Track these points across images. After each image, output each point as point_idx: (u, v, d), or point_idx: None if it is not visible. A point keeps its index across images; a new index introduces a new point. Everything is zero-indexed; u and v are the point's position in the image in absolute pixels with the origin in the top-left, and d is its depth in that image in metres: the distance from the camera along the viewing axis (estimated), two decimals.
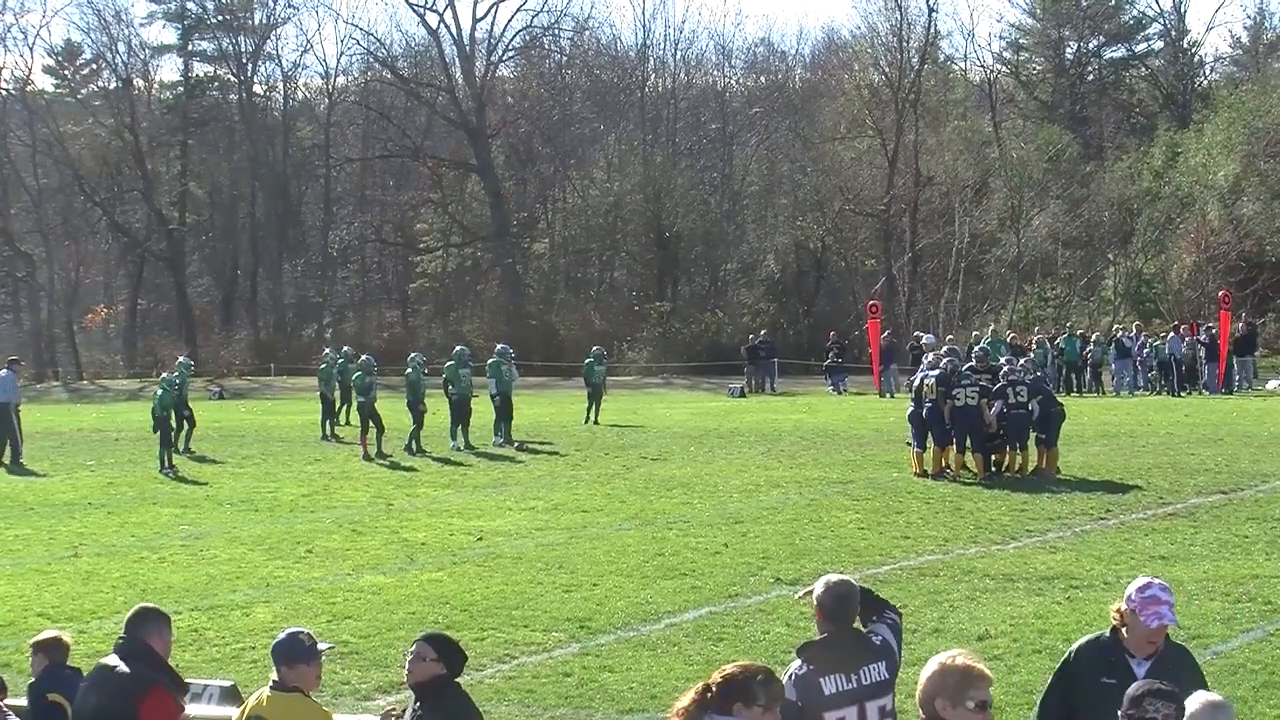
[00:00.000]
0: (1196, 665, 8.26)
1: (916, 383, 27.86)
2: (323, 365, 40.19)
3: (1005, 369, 27.33)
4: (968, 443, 26.40)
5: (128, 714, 8.32)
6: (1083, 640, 8.20)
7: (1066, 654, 8.22)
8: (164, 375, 36.50)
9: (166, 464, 31.89)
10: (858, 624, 8.00)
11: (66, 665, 10.22)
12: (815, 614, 7.88)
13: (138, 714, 8.33)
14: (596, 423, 39.05)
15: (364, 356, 36.82)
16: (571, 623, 15.86)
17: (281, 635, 8.38)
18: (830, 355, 54.35)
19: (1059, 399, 28.28)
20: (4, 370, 35.38)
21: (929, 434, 26.88)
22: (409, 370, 35.62)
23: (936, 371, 27.31)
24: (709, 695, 6.52)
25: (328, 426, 38.10)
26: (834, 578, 7.97)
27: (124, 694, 8.40)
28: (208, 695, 10.43)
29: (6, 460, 33.82)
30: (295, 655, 8.26)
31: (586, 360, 41.01)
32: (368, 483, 28.80)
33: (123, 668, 8.56)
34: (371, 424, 33.61)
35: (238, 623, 16.34)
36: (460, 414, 35.00)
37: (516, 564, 19.32)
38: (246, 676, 13.24)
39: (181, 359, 41.59)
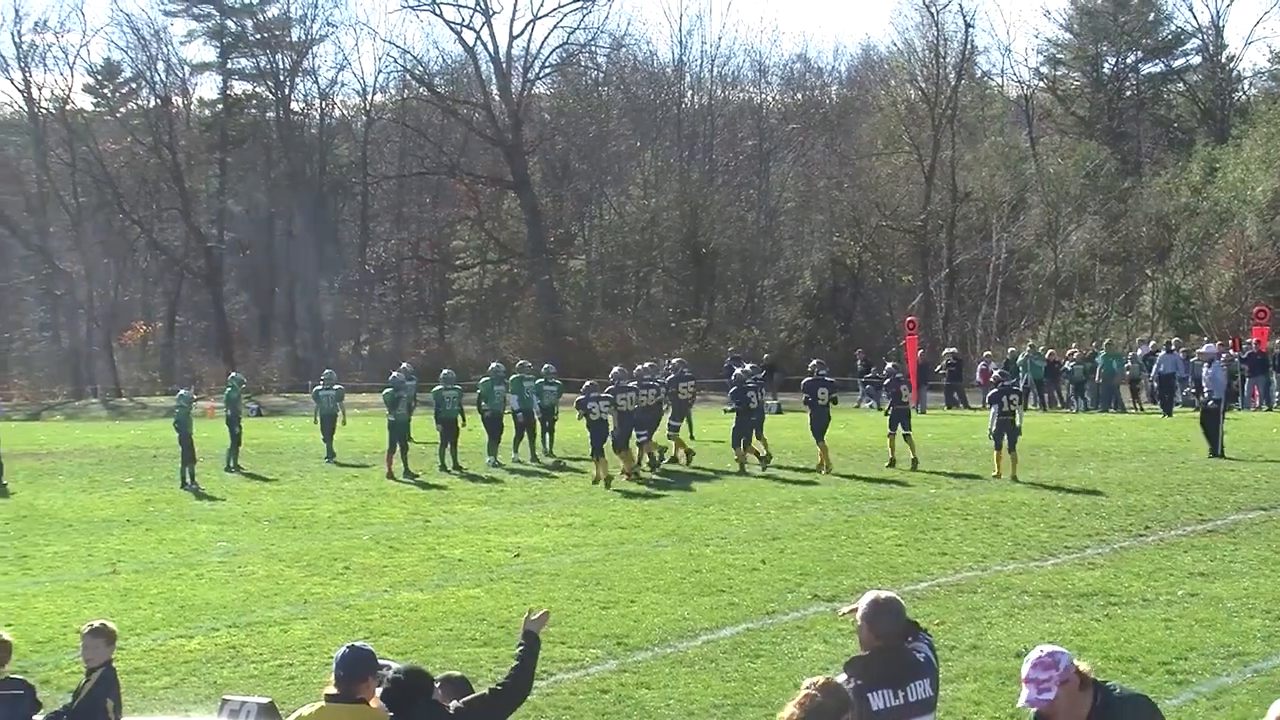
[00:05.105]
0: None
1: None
2: (317, 387, 39.28)
3: (998, 376, 31.57)
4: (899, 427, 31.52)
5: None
6: None
7: None
8: (181, 391, 36.25)
9: (189, 479, 32.04)
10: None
11: (112, 664, 10.38)
12: (861, 630, 7.83)
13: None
14: (692, 437, 38.86)
15: (393, 373, 36.40)
16: (609, 639, 15.84)
17: (345, 648, 8.34)
18: (872, 371, 54.08)
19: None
20: None
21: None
22: (435, 387, 35.51)
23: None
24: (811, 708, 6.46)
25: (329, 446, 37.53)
26: (881, 594, 7.92)
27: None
28: (245, 712, 10.41)
29: None
30: (368, 668, 8.26)
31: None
32: (405, 499, 28.83)
33: None
34: (398, 442, 33.42)
35: (275, 639, 16.35)
36: (495, 431, 34.98)
37: (554, 580, 19.31)
38: (284, 693, 13.26)
39: (233, 374, 41.62)
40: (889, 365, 35.80)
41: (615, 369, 33.99)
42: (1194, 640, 14.92)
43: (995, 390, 29.97)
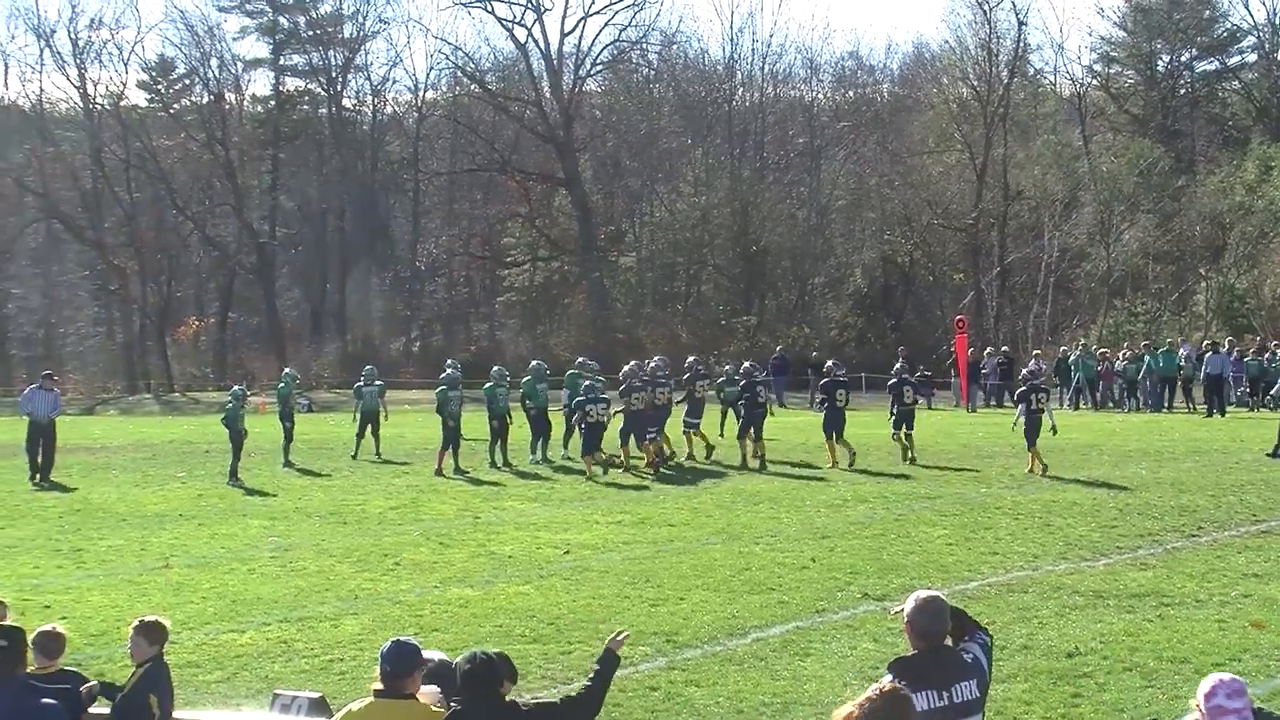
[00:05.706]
0: None
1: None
2: (358, 383, 39.19)
3: (1026, 374, 31.96)
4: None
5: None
6: None
7: None
8: (235, 388, 36.26)
9: (234, 474, 32.11)
10: (948, 641, 7.91)
11: (163, 659, 10.38)
12: (906, 630, 7.82)
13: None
14: (722, 435, 38.92)
15: (448, 371, 36.22)
16: (658, 637, 15.84)
17: (390, 644, 8.36)
18: (919, 371, 53.92)
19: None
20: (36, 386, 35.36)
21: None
22: (487, 384, 35.48)
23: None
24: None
25: (359, 444, 37.53)
26: (924, 594, 7.89)
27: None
28: (296, 706, 10.46)
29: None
30: (414, 663, 8.28)
31: (719, 380, 40.39)
32: (455, 496, 28.88)
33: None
34: (453, 440, 33.39)
35: (326, 634, 16.41)
36: (540, 428, 35.01)
37: (603, 577, 19.32)
38: (335, 688, 13.30)
39: (287, 370, 41.70)
40: (896, 365, 35.88)
41: (626, 367, 34.50)
42: (1248, 642, 14.83)
43: (1023, 388, 30.74)
